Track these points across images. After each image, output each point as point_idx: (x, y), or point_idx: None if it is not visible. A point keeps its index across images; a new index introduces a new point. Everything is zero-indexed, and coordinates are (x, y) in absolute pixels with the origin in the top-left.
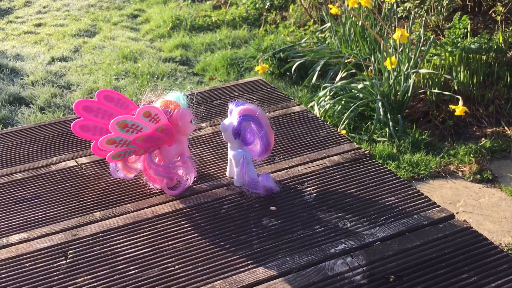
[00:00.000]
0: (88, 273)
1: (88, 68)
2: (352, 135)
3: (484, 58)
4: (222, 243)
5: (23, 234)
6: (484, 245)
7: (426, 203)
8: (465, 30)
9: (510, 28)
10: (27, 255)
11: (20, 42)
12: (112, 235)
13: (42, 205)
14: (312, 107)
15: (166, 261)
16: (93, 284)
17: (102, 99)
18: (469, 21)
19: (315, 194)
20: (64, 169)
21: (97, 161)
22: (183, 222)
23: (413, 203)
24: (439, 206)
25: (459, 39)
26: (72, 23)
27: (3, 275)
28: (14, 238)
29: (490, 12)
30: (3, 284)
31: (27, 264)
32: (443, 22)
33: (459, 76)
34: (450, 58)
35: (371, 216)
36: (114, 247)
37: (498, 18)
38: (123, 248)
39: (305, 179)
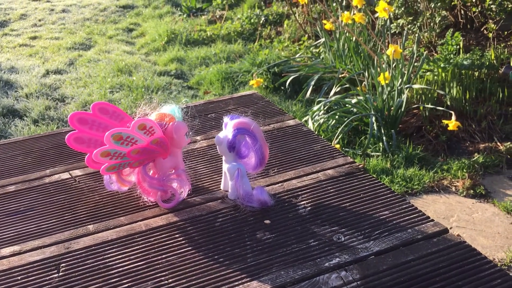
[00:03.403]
0: (81, 287)
1: (82, 81)
2: (346, 149)
3: (477, 74)
4: (216, 257)
5: (16, 246)
6: (478, 260)
7: (420, 217)
8: (458, 47)
9: (502, 45)
10: (19, 268)
11: (15, 54)
12: (105, 248)
13: (35, 217)
14: (306, 121)
15: (159, 274)
16: None
17: (97, 111)
18: (461, 38)
19: (309, 208)
20: (58, 182)
21: (91, 174)
22: (177, 235)
23: (407, 217)
24: (433, 220)
25: (452, 55)
26: (68, 36)
27: None
28: (6, 251)
29: (482, 29)
30: None
31: (19, 278)
32: (436, 39)
33: (452, 91)
34: (443, 74)
35: (365, 230)
36: (107, 260)
37: (490, 35)
38: (116, 262)
39: (299, 193)
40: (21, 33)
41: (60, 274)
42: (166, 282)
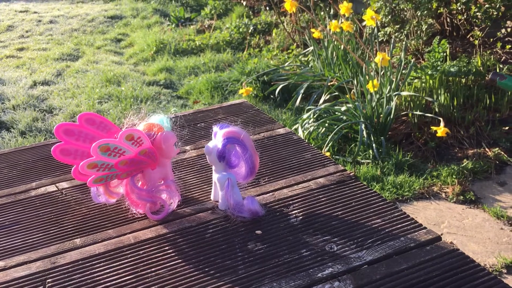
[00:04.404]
0: None
1: (70, 91)
2: (337, 157)
3: (464, 81)
4: (206, 269)
5: (0, 262)
6: (472, 267)
7: (412, 225)
8: (444, 54)
9: (488, 52)
10: (4, 285)
11: (1, 66)
12: (93, 262)
13: (20, 231)
14: (296, 129)
15: None
16: None
17: (84, 122)
18: (448, 45)
19: (301, 217)
20: (44, 194)
21: (78, 186)
22: (166, 248)
23: (399, 225)
24: (425, 228)
25: (439, 62)
26: (55, 47)
27: None
28: None
29: (468, 36)
30: None
31: None
32: (423, 46)
33: (439, 98)
34: (431, 81)
35: (358, 239)
36: (95, 274)
37: (476, 42)
38: (104, 276)
39: (290, 202)
40: (8, 45)
41: None
42: None
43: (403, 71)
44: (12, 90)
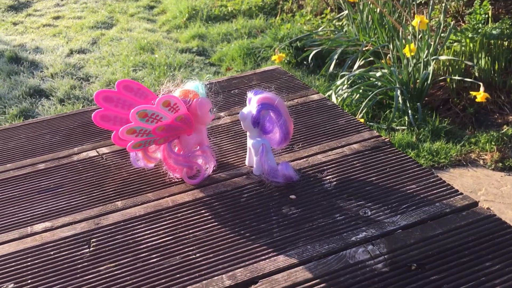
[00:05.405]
0: (111, 261)
1: (106, 60)
2: (371, 123)
3: (506, 44)
4: (242, 232)
5: (47, 223)
6: (508, 233)
7: (448, 191)
8: (486, 16)
9: None
10: (51, 244)
11: (39, 35)
12: (134, 224)
13: (65, 194)
14: (329, 96)
15: (187, 249)
16: (116, 272)
17: (122, 89)
18: (490, 7)
19: (335, 183)
20: (86, 159)
21: (117, 151)
22: (203, 211)
23: (435, 191)
24: (462, 194)
25: (480, 25)
26: (90, 15)
27: (29, 263)
28: (38, 227)
29: None
30: (29, 271)
31: (52, 252)
32: (464, 8)
33: (480, 62)
34: (471, 45)
35: (392, 204)
36: (136, 235)
37: None
38: (145, 237)
39: (324, 168)
40: (44, 13)
41: (91, 249)
42: (194, 256)
43: (442, 35)
44: (50, 58)
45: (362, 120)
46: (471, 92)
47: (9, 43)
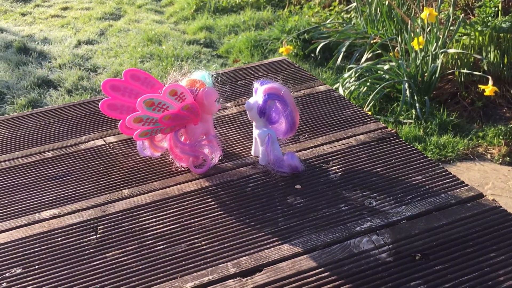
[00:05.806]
0: (118, 248)
1: (113, 51)
2: (378, 116)
3: None
4: (247, 220)
5: (55, 210)
6: None
7: (453, 182)
8: (496, 9)
9: None
10: (59, 230)
11: (47, 25)
12: (140, 212)
13: (72, 182)
14: (337, 88)
15: (192, 237)
16: (122, 259)
17: (129, 78)
18: (500, 0)
19: (340, 173)
20: (93, 148)
21: (124, 140)
22: (209, 200)
23: (440, 182)
24: (467, 185)
25: (490, 18)
26: (98, 6)
27: (37, 249)
28: (46, 214)
29: None
30: (37, 257)
31: (59, 239)
32: (473, 1)
33: (489, 56)
34: (480, 38)
35: (397, 195)
36: (142, 223)
37: None
38: (151, 224)
39: (330, 158)
40: (53, 4)
41: (97, 236)
42: (199, 244)
43: (451, 28)
44: (58, 49)
45: (369, 113)
46: (479, 86)
47: (18, 33)
